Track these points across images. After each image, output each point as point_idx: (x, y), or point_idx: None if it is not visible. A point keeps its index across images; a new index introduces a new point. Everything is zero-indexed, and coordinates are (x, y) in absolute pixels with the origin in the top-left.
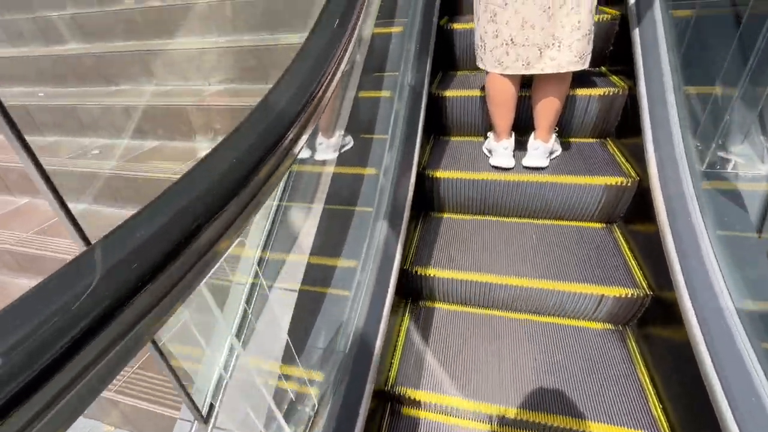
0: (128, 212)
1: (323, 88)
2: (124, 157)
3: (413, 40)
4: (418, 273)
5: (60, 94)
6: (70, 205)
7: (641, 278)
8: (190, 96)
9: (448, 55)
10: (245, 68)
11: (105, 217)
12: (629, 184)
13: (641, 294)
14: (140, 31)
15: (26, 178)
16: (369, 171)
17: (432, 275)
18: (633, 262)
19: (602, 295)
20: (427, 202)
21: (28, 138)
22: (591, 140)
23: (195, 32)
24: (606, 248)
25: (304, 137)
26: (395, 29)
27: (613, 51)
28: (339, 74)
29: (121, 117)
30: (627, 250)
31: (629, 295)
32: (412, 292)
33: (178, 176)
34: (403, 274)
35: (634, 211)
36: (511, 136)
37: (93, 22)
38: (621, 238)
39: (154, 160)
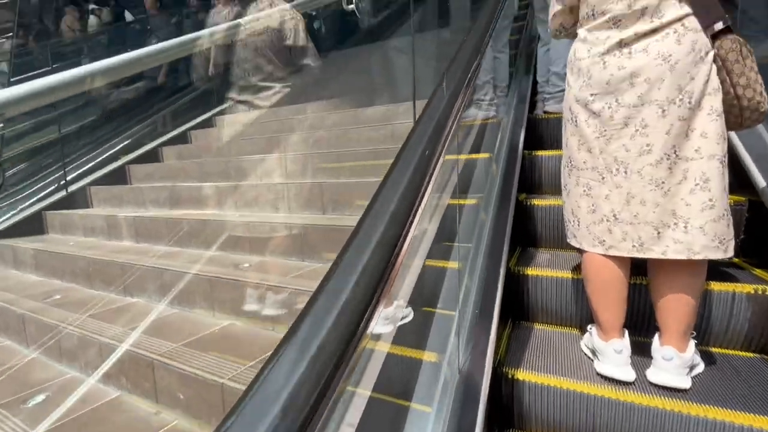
0: None
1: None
2: (67, 415)
3: (490, 210)
4: None
5: (75, 299)
6: None
7: None
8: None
9: (528, 231)
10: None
11: None
12: None
13: None
14: (181, 240)
15: None
16: (429, 357)
17: None
18: None
19: None
20: (506, 415)
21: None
22: (745, 354)
23: (230, 247)
24: None
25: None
26: (471, 201)
27: (745, 240)
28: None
29: (96, 353)
30: None
31: None
32: None
33: None
34: None
35: None
36: (623, 335)
37: (145, 224)
38: None
39: None
